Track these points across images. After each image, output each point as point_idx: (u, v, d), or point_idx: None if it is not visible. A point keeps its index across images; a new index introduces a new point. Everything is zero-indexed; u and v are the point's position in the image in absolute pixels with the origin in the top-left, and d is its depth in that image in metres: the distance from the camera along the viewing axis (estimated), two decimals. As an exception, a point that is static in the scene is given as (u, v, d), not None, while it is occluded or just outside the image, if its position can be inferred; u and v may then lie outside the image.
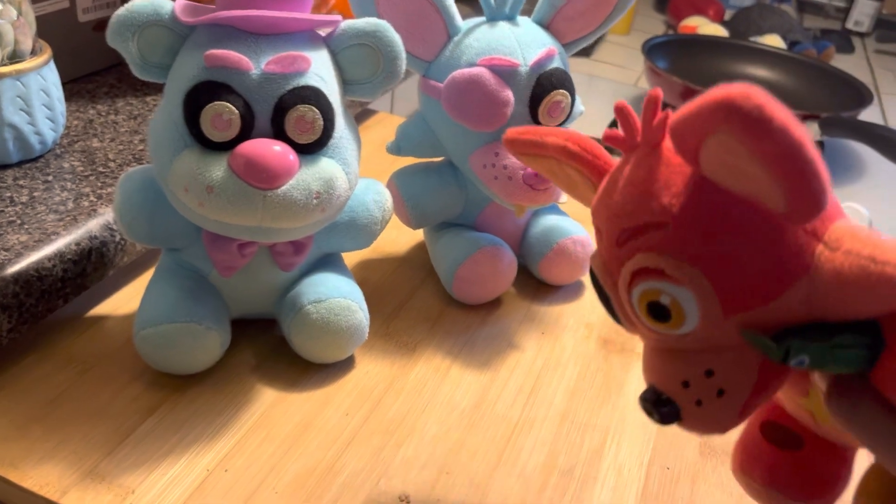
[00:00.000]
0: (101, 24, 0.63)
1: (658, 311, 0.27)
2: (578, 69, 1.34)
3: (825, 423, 0.32)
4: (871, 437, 0.26)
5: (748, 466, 0.34)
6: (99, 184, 0.50)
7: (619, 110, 0.29)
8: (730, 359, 0.27)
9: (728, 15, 1.68)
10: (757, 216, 0.25)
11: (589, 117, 1.10)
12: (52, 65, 0.51)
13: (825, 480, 0.33)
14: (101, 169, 0.52)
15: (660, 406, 0.28)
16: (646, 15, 1.79)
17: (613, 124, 1.04)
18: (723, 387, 0.27)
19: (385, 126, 0.79)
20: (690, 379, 0.27)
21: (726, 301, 0.26)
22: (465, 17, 0.50)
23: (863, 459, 0.31)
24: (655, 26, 1.70)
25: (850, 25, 1.79)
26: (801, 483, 0.33)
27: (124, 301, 0.49)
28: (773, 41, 1.39)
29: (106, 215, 0.47)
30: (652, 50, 1.12)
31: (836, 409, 0.27)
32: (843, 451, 0.33)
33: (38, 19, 0.58)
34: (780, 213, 0.24)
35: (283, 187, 0.37)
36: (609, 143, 0.29)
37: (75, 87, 0.62)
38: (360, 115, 0.81)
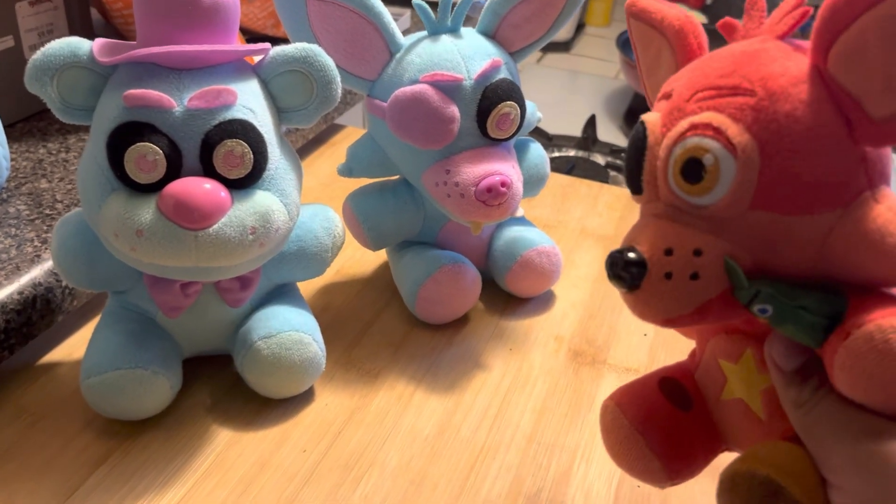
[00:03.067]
0: (49, 60, 0.62)
1: (693, 171, 0.26)
2: (559, 65, 1.32)
3: (729, 397, 0.32)
4: (826, 433, 0.26)
5: (626, 403, 0.34)
6: (44, 227, 0.49)
7: (752, 2, 0.29)
8: (722, 251, 0.26)
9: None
10: (839, 129, 0.25)
11: (571, 113, 1.09)
12: (-10, 109, 0.50)
13: (689, 452, 0.33)
14: (47, 211, 0.51)
15: (628, 265, 0.27)
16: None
17: (590, 122, 1.02)
18: (700, 272, 0.26)
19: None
20: (676, 248, 0.27)
21: (762, 191, 0.26)
22: (409, 31, 0.48)
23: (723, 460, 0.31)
24: (636, 15, 1.68)
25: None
26: (668, 440, 0.33)
27: (76, 346, 0.48)
28: (754, 24, 1.37)
29: (51, 261, 0.46)
30: (627, 43, 1.10)
31: (795, 395, 0.27)
32: (717, 438, 0.33)
33: (-18, 60, 0.57)
34: (878, 118, 0.24)
35: (215, 226, 0.36)
36: (724, 30, 0.30)
37: (26, 125, 0.61)
38: (328, 130, 0.79)
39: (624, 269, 0.27)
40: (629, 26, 0.36)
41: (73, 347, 0.48)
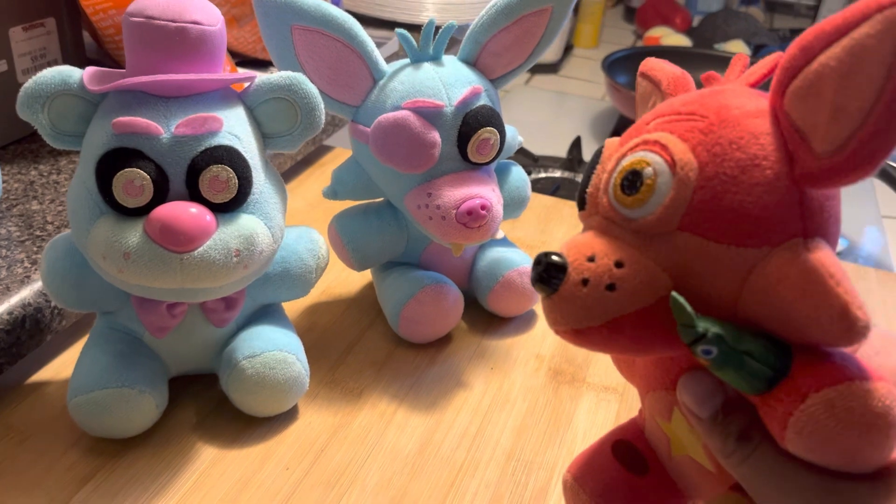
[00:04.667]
0: (42, 84, 0.63)
1: (630, 182, 0.27)
2: (546, 86, 1.34)
3: (678, 454, 0.32)
4: (755, 477, 0.26)
5: (584, 476, 0.34)
6: (34, 248, 0.50)
7: (737, 58, 0.31)
8: (645, 267, 0.26)
9: (696, 21, 1.69)
10: (782, 165, 0.25)
11: (557, 134, 1.10)
12: (-18, 132, 0.51)
13: None
14: (37, 233, 0.52)
15: (550, 267, 0.27)
16: (614, 26, 1.79)
17: (576, 143, 1.04)
18: (617, 284, 0.26)
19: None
20: (599, 257, 0.27)
21: (694, 211, 0.26)
22: (393, 58, 0.50)
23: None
24: (624, 37, 1.71)
25: (818, 24, 1.79)
26: None
27: (64, 365, 0.49)
28: (737, 47, 1.39)
29: (40, 281, 0.47)
30: (613, 65, 1.12)
31: (719, 440, 0.27)
32: (679, 494, 0.33)
33: (-25, 84, 0.58)
34: (823, 152, 0.24)
35: (200, 249, 0.37)
36: (706, 82, 0.31)
37: (18, 147, 0.62)
38: (316, 151, 0.81)
39: (545, 271, 0.27)
40: (637, 84, 0.37)
41: (61, 366, 0.49)
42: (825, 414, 0.23)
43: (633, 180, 0.27)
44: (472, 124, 0.47)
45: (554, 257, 0.27)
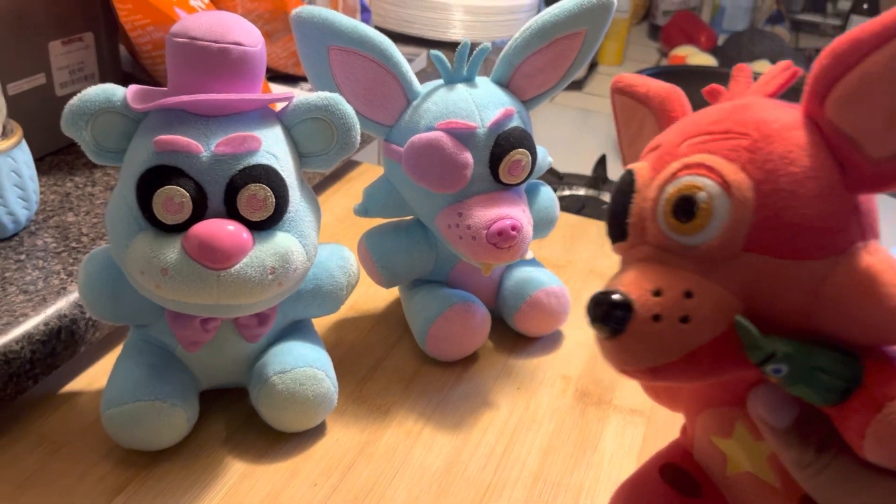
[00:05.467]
0: (79, 97, 0.64)
1: (685, 208, 0.26)
2: (570, 103, 1.34)
3: (735, 471, 0.31)
4: (833, 487, 0.26)
5: (633, 502, 0.33)
6: (70, 260, 0.51)
7: (739, 69, 0.31)
8: (715, 293, 0.25)
9: (721, 40, 1.69)
10: (835, 173, 0.25)
11: (582, 151, 1.10)
12: (23, 145, 0.52)
13: None
14: (73, 244, 0.53)
15: (613, 307, 0.26)
16: (639, 44, 1.80)
17: (601, 161, 1.04)
18: (691, 315, 0.25)
19: (369, 178, 0.80)
20: (666, 289, 0.26)
21: (756, 231, 0.25)
22: (426, 78, 0.50)
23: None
24: (649, 55, 1.71)
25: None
26: None
27: (97, 376, 0.49)
28: (763, 67, 1.39)
29: (76, 293, 0.48)
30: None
31: (797, 456, 0.26)
32: None
33: (16, 97, 0.59)
34: (878, 157, 0.24)
35: (237, 266, 0.38)
36: (709, 96, 0.31)
37: (54, 159, 0.64)
38: (344, 166, 0.81)
39: (608, 312, 0.26)
40: (613, 102, 0.36)
41: (94, 377, 0.49)
42: None
43: (686, 207, 0.26)
44: (505, 146, 0.47)
45: (615, 296, 0.26)
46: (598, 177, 1.02)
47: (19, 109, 0.58)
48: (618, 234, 0.29)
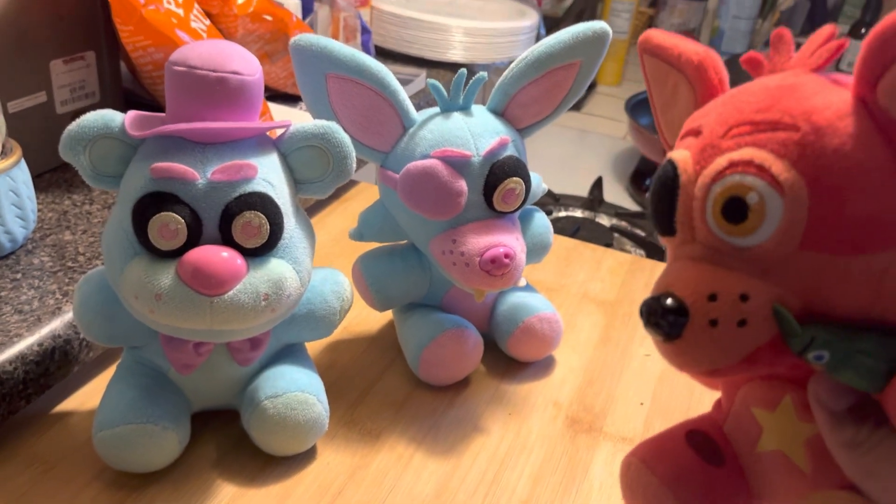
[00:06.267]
0: (79, 115, 0.65)
1: (735, 210, 0.25)
2: (569, 124, 1.35)
3: (767, 448, 0.30)
4: (891, 472, 0.25)
5: (654, 460, 0.32)
6: (66, 280, 0.51)
7: (779, 35, 0.28)
8: (771, 297, 0.25)
9: (719, 62, 1.70)
10: (891, 163, 0.24)
11: (579, 171, 1.11)
12: (22, 164, 0.53)
13: None
14: (69, 264, 0.53)
15: (667, 313, 0.26)
16: (638, 64, 1.80)
17: (597, 183, 1.04)
18: (748, 318, 0.25)
19: (365, 198, 0.80)
20: (721, 293, 0.25)
21: (812, 230, 0.24)
22: (425, 99, 0.51)
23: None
24: (647, 76, 1.72)
25: (843, 66, 1.80)
26: (701, 497, 0.31)
27: (89, 396, 0.50)
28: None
29: (70, 313, 0.48)
30: (636, 107, 1.13)
31: (851, 435, 0.25)
32: (749, 495, 0.32)
33: (16, 114, 0.60)
34: None
35: (230, 292, 0.38)
36: (748, 65, 0.29)
37: (53, 176, 0.64)
38: (341, 186, 0.82)
39: (662, 318, 0.26)
40: (642, 63, 0.35)
41: (87, 396, 0.50)
42: None
43: (737, 208, 0.25)
44: (499, 174, 0.48)
45: (669, 301, 0.26)
46: (595, 199, 1.02)
47: (20, 127, 0.58)
48: (666, 229, 0.29)
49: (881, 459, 0.25)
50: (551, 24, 1.67)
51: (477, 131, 0.48)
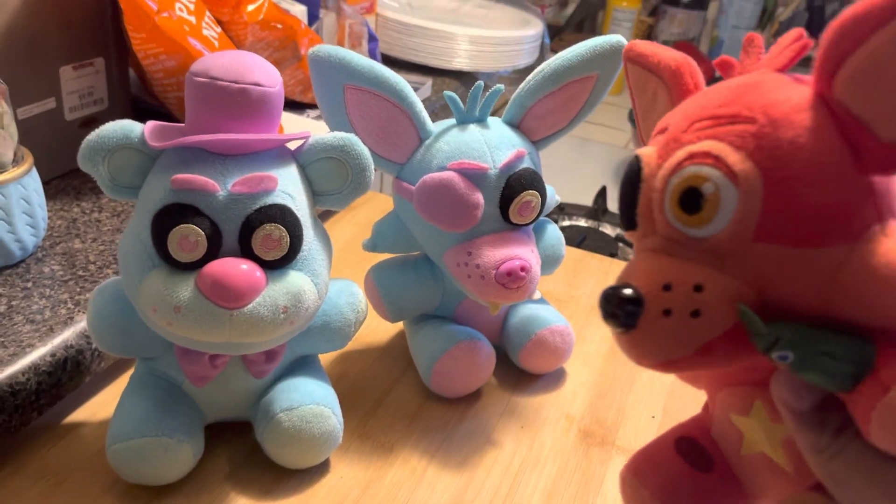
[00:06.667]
0: (88, 122, 0.65)
1: (691, 200, 0.25)
2: (571, 133, 1.35)
3: (750, 451, 0.30)
4: (855, 480, 0.25)
5: (645, 472, 0.33)
6: (77, 289, 0.51)
7: (749, 39, 0.29)
8: (726, 286, 0.25)
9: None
10: (846, 157, 0.24)
11: (581, 180, 1.11)
12: (33, 172, 0.52)
13: None
14: (80, 272, 0.52)
15: (623, 302, 0.26)
16: (638, 73, 1.81)
17: (601, 193, 1.04)
18: (702, 309, 0.25)
19: (372, 206, 0.80)
20: (675, 284, 0.25)
21: (765, 221, 0.24)
22: (430, 107, 0.51)
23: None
24: (647, 84, 1.72)
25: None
26: None
27: (101, 406, 0.49)
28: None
29: (82, 322, 0.48)
30: (639, 116, 1.13)
31: (814, 440, 0.25)
32: (742, 495, 0.32)
33: (25, 121, 0.59)
34: (890, 139, 0.23)
35: (250, 305, 0.38)
36: (721, 68, 0.29)
37: (61, 183, 0.64)
38: (347, 194, 0.81)
39: (619, 307, 0.26)
40: (626, 72, 0.35)
41: (98, 407, 0.49)
42: None
43: (693, 199, 0.25)
44: (515, 187, 0.47)
45: (626, 291, 0.26)
46: (599, 208, 1.02)
47: (28, 133, 0.58)
48: (628, 223, 0.29)
49: (845, 466, 0.25)
50: (553, 32, 1.67)
51: (493, 143, 0.48)
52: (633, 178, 0.29)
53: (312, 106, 0.83)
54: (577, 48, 0.49)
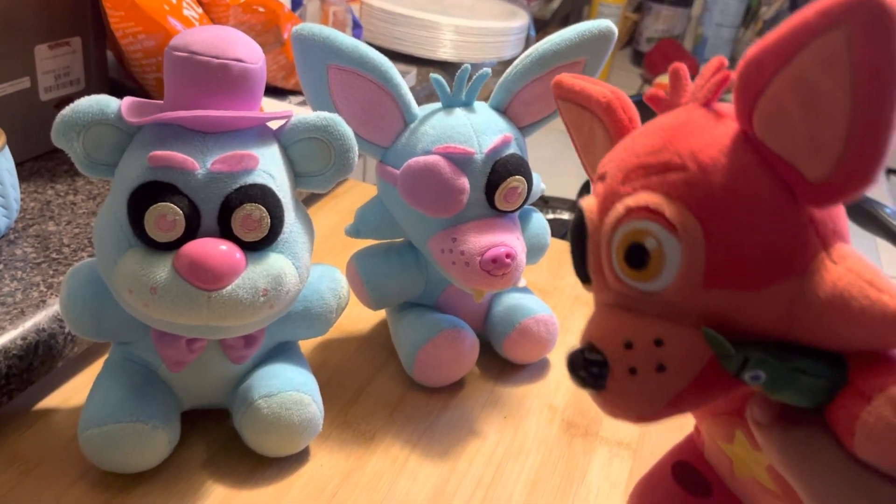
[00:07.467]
0: (63, 102, 0.63)
1: (636, 256, 0.25)
2: (554, 126, 1.34)
3: (743, 475, 0.30)
4: (815, 478, 0.24)
5: (646, 502, 0.33)
6: (50, 272, 0.49)
7: (675, 71, 0.29)
8: (685, 337, 0.25)
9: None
10: (779, 193, 0.24)
11: (564, 174, 1.11)
12: (6, 151, 0.51)
13: None
14: (53, 255, 0.51)
15: (589, 365, 0.26)
16: (622, 69, 1.81)
17: (585, 188, 1.04)
18: (666, 363, 0.25)
19: (355, 194, 0.79)
20: (636, 341, 0.25)
21: (712, 269, 0.24)
22: (415, 95, 0.50)
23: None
24: (632, 80, 1.72)
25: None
26: None
27: (73, 392, 0.48)
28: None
29: (55, 306, 0.46)
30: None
31: (780, 440, 0.25)
32: None
33: (-2, 100, 0.58)
34: (814, 179, 0.23)
35: (229, 287, 0.37)
36: (651, 102, 0.29)
37: (35, 165, 0.62)
38: (329, 182, 0.80)
39: (584, 370, 0.26)
40: (559, 108, 0.35)
41: (70, 393, 0.48)
42: (894, 411, 0.22)
43: (637, 255, 0.25)
44: (502, 172, 0.47)
45: (588, 355, 0.26)
46: (583, 201, 1.02)
47: (1, 113, 0.56)
48: (583, 277, 0.29)
49: (817, 477, 0.24)
50: (539, 26, 1.67)
51: (480, 128, 0.47)
52: (579, 233, 0.28)
53: (295, 92, 0.81)
54: (564, 32, 0.48)
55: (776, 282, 0.24)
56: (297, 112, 0.41)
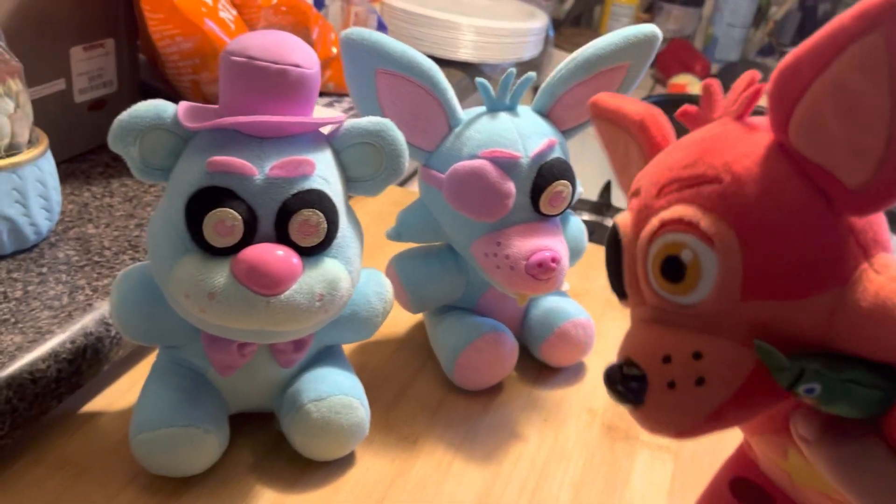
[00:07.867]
0: (97, 104, 0.63)
1: (672, 269, 0.25)
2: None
3: (805, 486, 0.30)
4: (873, 493, 0.24)
5: None
6: (94, 275, 0.49)
7: (706, 87, 0.29)
8: (725, 349, 0.24)
9: (715, 69, 1.71)
10: (817, 202, 0.24)
11: (587, 176, 1.11)
12: (48, 154, 0.51)
13: None
14: (96, 258, 0.51)
15: (627, 380, 0.25)
16: (633, 69, 1.81)
17: (606, 187, 1.04)
18: (705, 376, 0.24)
19: (386, 196, 0.78)
20: (674, 355, 0.25)
21: (750, 279, 0.24)
22: (469, 104, 0.50)
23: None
24: (644, 80, 1.72)
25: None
26: None
27: (119, 395, 0.48)
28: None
29: (101, 309, 0.46)
30: (642, 111, 1.13)
31: (832, 456, 0.24)
32: None
33: (35, 102, 0.58)
34: (854, 186, 0.22)
35: (287, 292, 0.37)
36: (683, 119, 0.29)
37: (70, 167, 0.62)
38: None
39: (623, 385, 0.26)
40: (595, 128, 0.35)
41: (116, 397, 0.48)
42: None
43: (673, 268, 0.25)
44: (547, 177, 0.47)
45: (627, 370, 0.26)
46: (604, 203, 1.02)
47: (37, 115, 0.56)
48: (619, 293, 0.29)
49: (861, 472, 0.24)
50: (553, 26, 1.67)
51: (525, 132, 0.47)
52: (613, 248, 0.28)
53: (323, 93, 0.81)
54: (610, 37, 0.48)
55: (817, 292, 0.24)
56: (326, 114, 0.41)
